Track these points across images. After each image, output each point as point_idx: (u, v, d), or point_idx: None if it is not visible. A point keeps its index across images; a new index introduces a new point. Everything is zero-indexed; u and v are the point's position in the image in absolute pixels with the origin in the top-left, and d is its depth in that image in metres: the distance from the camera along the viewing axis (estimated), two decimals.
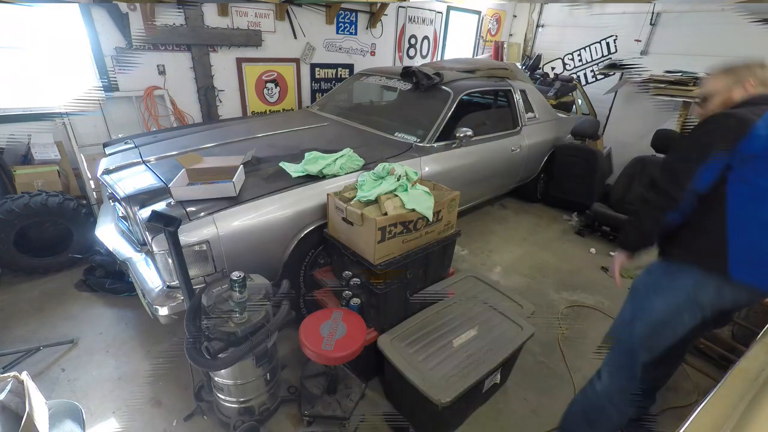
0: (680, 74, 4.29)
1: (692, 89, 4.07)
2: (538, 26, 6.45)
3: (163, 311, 1.78)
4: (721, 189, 1.30)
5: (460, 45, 6.21)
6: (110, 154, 2.55)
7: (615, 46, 5.65)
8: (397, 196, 1.85)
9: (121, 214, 2.26)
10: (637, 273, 1.56)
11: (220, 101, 3.91)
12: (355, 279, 1.94)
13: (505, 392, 2.10)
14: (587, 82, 6.06)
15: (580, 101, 5.35)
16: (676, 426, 0.94)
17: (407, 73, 3.20)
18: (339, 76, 4.76)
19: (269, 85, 4.21)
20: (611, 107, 4.99)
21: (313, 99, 4.58)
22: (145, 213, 1.83)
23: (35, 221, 2.63)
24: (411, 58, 5.55)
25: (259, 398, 1.77)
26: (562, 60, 6.31)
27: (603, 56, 5.81)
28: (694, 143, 1.36)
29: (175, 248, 1.53)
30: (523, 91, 3.76)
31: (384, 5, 4.60)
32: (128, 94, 3.35)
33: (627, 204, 3.90)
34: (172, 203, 1.90)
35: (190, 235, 1.74)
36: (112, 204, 2.34)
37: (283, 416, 1.89)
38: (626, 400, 1.57)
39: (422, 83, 3.08)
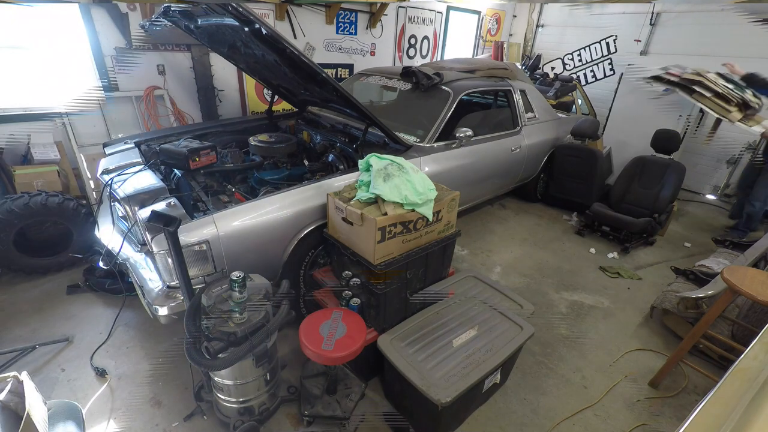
0: (733, 88, 3.55)
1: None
2: (538, 26, 6.45)
3: (163, 311, 1.78)
4: None
5: (460, 45, 6.20)
6: (110, 154, 2.56)
7: (615, 46, 5.65)
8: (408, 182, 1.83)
9: (121, 214, 2.27)
10: (637, 273, 1.57)
11: (220, 101, 3.90)
12: (355, 279, 1.94)
13: (505, 392, 2.10)
14: (587, 82, 6.07)
15: (580, 101, 5.35)
16: (676, 426, 0.94)
17: (407, 73, 3.19)
18: (339, 76, 4.76)
19: None
20: (611, 107, 4.99)
21: None
22: (145, 213, 1.83)
23: (35, 221, 2.63)
24: (411, 58, 5.55)
25: (259, 398, 1.77)
26: (562, 60, 6.31)
27: (603, 56, 5.81)
28: None
29: (175, 248, 1.53)
30: (523, 91, 3.75)
31: (384, 5, 4.60)
32: (128, 94, 3.35)
33: (627, 204, 3.90)
34: (171, 203, 1.90)
35: (190, 235, 1.74)
36: (111, 204, 2.34)
37: (283, 416, 1.89)
38: None
39: (422, 83, 3.07)
